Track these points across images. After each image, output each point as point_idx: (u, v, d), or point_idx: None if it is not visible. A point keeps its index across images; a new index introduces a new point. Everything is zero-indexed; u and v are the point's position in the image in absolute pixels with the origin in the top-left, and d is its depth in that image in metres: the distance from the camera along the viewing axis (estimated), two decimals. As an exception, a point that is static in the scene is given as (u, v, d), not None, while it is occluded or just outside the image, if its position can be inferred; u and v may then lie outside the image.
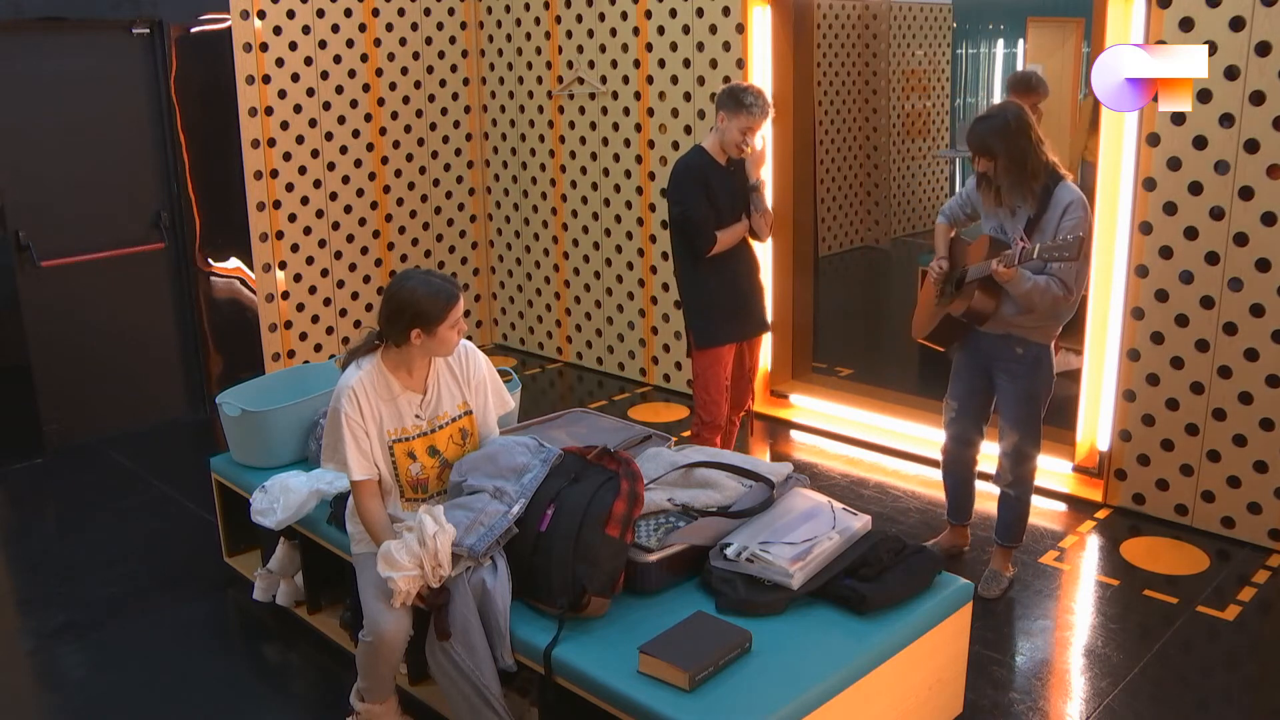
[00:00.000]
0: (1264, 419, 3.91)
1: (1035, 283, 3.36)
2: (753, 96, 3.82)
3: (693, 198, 3.88)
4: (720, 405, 4.09)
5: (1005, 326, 3.50)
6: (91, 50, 5.24)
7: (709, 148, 3.96)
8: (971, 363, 3.68)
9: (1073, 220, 3.32)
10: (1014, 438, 3.63)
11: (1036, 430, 3.62)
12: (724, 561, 2.82)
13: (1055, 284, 3.36)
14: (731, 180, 3.96)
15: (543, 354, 6.70)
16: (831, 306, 6.19)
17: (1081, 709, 3.12)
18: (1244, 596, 3.70)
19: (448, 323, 2.86)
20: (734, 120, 3.83)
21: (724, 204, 3.94)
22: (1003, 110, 3.41)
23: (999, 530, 3.79)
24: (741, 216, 4.01)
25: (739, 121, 3.82)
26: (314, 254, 5.98)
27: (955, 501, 3.96)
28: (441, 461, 3.01)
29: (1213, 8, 3.78)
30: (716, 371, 4.07)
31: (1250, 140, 3.78)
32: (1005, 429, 3.65)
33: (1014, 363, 3.55)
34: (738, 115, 3.82)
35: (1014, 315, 3.46)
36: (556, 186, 6.31)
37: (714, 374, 4.06)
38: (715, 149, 3.95)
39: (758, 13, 5.19)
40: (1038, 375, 3.55)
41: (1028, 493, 3.73)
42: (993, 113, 3.42)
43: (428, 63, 6.31)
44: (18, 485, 4.95)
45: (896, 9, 7.86)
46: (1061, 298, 3.37)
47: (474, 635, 2.70)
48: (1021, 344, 3.52)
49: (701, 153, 3.96)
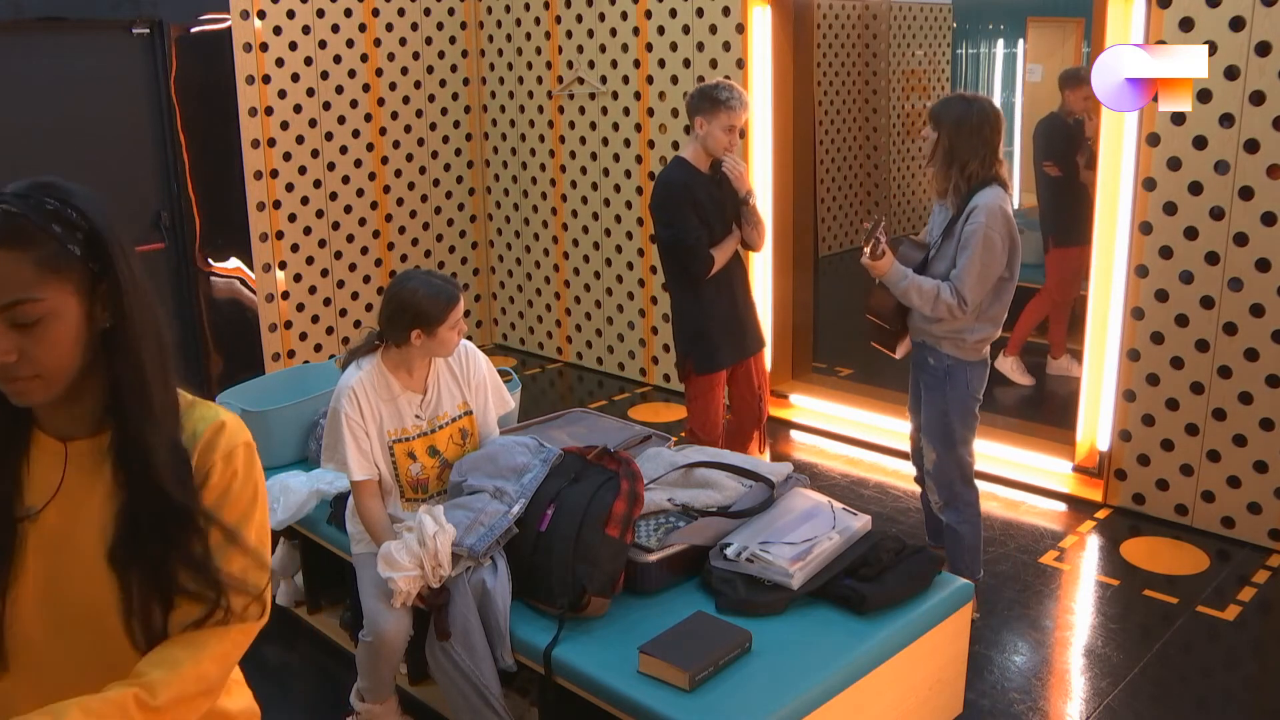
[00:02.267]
0: (1264, 419, 3.91)
1: (913, 282, 3.22)
2: (727, 90, 3.61)
3: (682, 218, 3.64)
4: (719, 426, 3.93)
5: (919, 333, 3.39)
6: (91, 50, 5.24)
7: (690, 158, 3.73)
8: (912, 372, 3.57)
9: (972, 225, 3.16)
10: (931, 455, 3.46)
11: (954, 451, 3.41)
12: (724, 561, 2.82)
13: (947, 290, 3.19)
14: (718, 189, 3.74)
15: (543, 354, 6.70)
16: (831, 306, 6.18)
17: (1081, 709, 3.12)
18: (1244, 596, 3.70)
19: (448, 323, 2.86)
20: (714, 121, 3.61)
21: (714, 218, 3.72)
22: (976, 100, 3.27)
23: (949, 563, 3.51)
24: (732, 227, 3.79)
25: (720, 120, 3.61)
26: (314, 254, 5.98)
27: (928, 521, 3.81)
28: (441, 462, 3.01)
29: (1213, 8, 3.78)
30: (716, 395, 3.88)
31: (1250, 140, 3.78)
32: (925, 445, 3.52)
33: (925, 373, 3.42)
34: (717, 114, 3.61)
35: (921, 321, 3.35)
36: (556, 186, 6.31)
37: (713, 398, 3.87)
38: (697, 157, 3.72)
39: (758, 13, 5.19)
40: (947, 391, 3.36)
41: (966, 521, 3.46)
42: (968, 97, 3.31)
43: (428, 63, 6.31)
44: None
45: (896, 9, 7.86)
46: (952, 305, 3.19)
47: (474, 635, 2.70)
48: (932, 353, 3.37)
49: (683, 165, 3.73)
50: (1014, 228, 3.24)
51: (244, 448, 1.39)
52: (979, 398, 3.43)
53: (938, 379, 3.38)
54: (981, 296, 3.23)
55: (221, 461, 1.36)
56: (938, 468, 3.46)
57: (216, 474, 1.36)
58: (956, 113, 3.23)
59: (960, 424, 3.40)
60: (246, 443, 1.40)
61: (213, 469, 1.36)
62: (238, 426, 1.41)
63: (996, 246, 3.18)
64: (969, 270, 3.18)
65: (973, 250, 3.17)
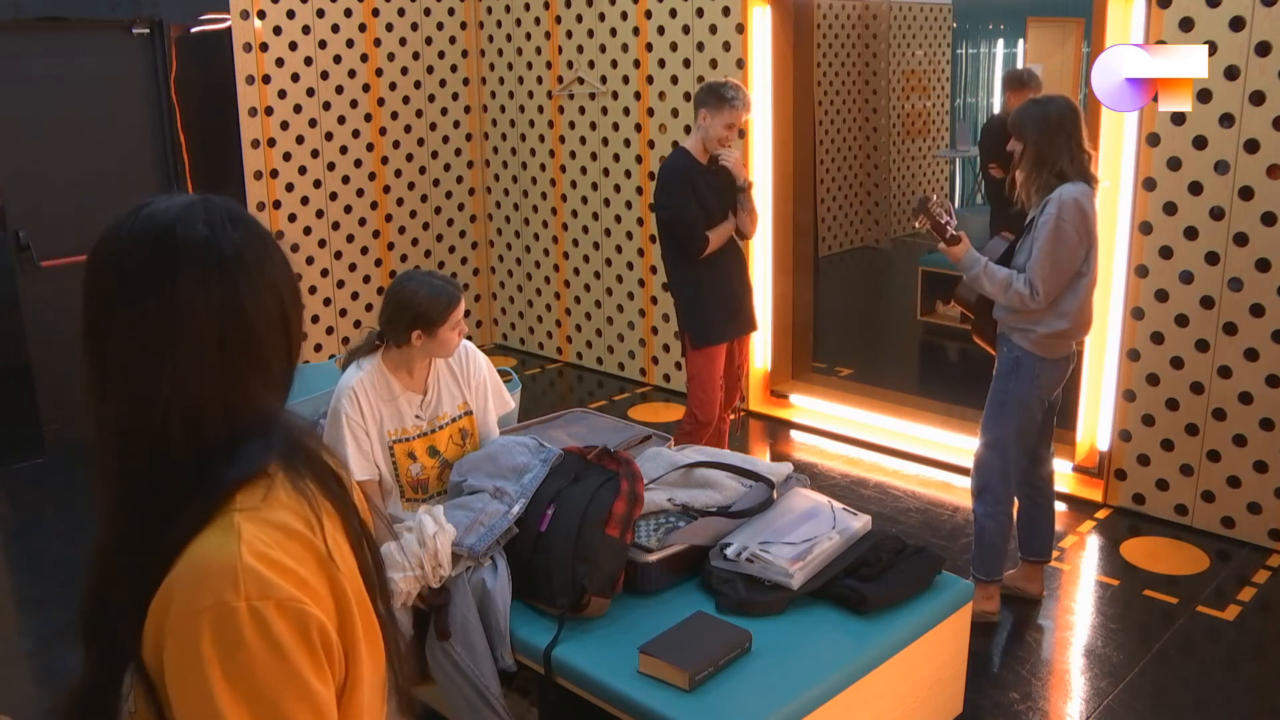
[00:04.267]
0: (1264, 419, 3.91)
1: (985, 268, 3.24)
2: (734, 90, 3.85)
3: (682, 201, 3.91)
4: (715, 403, 4.13)
5: (1000, 323, 3.42)
6: (91, 50, 5.24)
7: (691, 148, 3.99)
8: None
9: (1045, 217, 3.20)
10: (979, 444, 3.46)
11: (1001, 443, 3.38)
12: (724, 561, 2.82)
13: (1020, 280, 3.22)
14: (716, 179, 3.98)
15: (543, 354, 6.70)
16: (831, 306, 6.19)
17: (1081, 709, 3.12)
18: (1244, 596, 3.70)
19: (448, 324, 2.86)
20: (717, 116, 3.86)
21: (712, 204, 3.97)
22: (1051, 101, 3.29)
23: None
24: (728, 215, 4.04)
25: (723, 117, 3.86)
26: (314, 254, 5.98)
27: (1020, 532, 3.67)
28: (441, 462, 3.01)
29: (1213, 8, 3.78)
30: (714, 369, 4.10)
31: (1250, 140, 3.78)
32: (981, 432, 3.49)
33: (999, 361, 3.44)
34: (721, 111, 3.85)
35: (999, 311, 3.38)
36: (556, 186, 6.30)
37: (710, 372, 4.10)
38: (697, 149, 3.97)
39: (758, 13, 5.19)
40: (1009, 382, 3.37)
41: (991, 516, 3.42)
42: (1042, 100, 3.32)
43: (428, 63, 6.31)
44: (18, 485, 4.95)
45: (896, 9, 7.85)
46: (1024, 295, 3.21)
47: (474, 635, 2.70)
48: (1005, 342, 3.39)
49: (685, 154, 3.99)
50: (1091, 223, 3.23)
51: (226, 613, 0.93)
52: (1045, 399, 3.39)
53: (1006, 368, 3.39)
54: (1056, 288, 3.23)
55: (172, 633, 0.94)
56: (978, 454, 3.45)
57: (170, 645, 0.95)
58: (1036, 117, 3.25)
59: (1017, 418, 3.37)
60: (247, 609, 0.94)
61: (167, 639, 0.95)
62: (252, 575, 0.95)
63: (1070, 238, 3.18)
64: (1041, 259, 3.20)
65: (1044, 240, 3.18)
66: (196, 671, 0.92)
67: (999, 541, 3.45)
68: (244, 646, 0.92)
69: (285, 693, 0.94)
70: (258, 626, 0.93)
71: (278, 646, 0.93)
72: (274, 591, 0.94)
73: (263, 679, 0.93)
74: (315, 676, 0.96)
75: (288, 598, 0.95)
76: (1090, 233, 3.25)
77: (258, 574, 0.94)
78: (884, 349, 6.92)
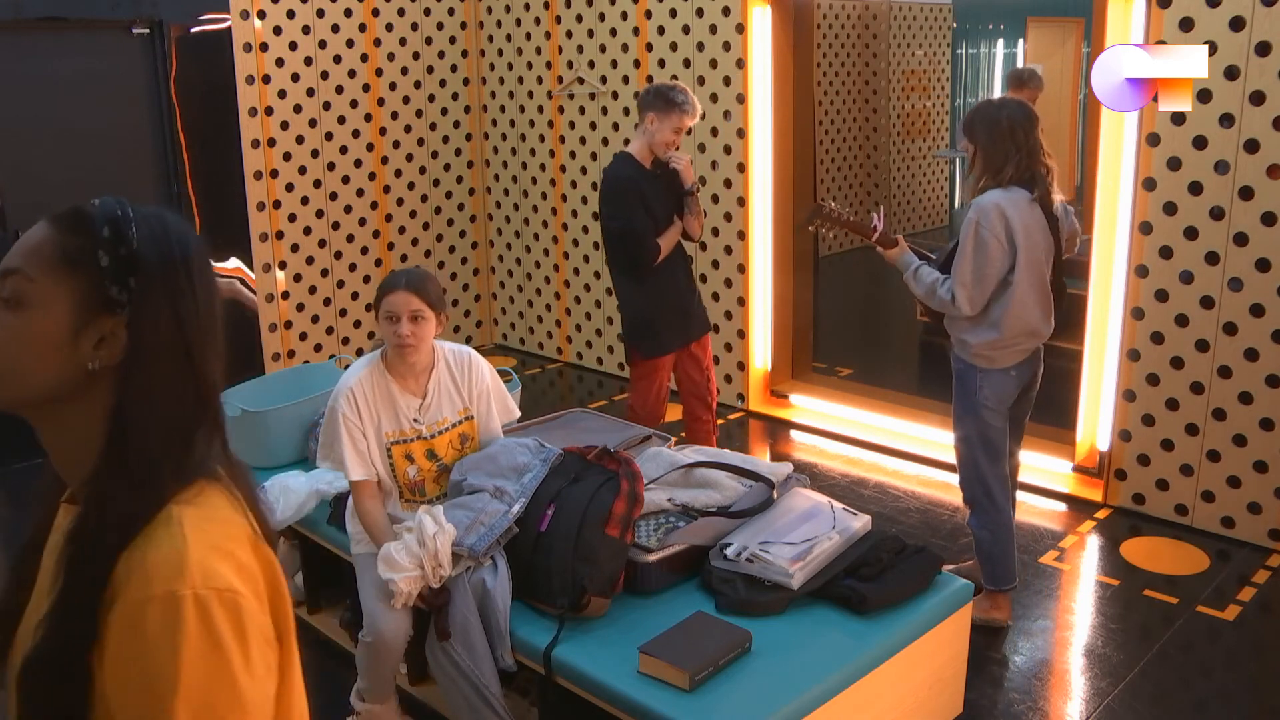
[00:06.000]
0: (1264, 419, 3.91)
1: (915, 271, 3.24)
2: (683, 95, 3.78)
3: (631, 210, 3.80)
4: (661, 409, 4.05)
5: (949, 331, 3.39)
6: (91, 50, 5.24)
7: (635, 153, 3.89)
8: None
9: (965, 223, 3.16)
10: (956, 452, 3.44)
11: (970, 454, 3.35)
12: (724, 561, 2.82)
13: (944, 286, 3.20)
14: (661, 184, 3.89)
15: (543, 354, 6.70)
16: (831, 306, 6.19)
17: (1081, 709, 3.12)
18: (1244, 596, 3.70)
19: (384, 312, 2.85)
20: (665, 120, 3.77)
21: (659, 211, 3.87)
22: (1004, 104, 3.25)
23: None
24: (673, 219, 3.93)
25: (671, 121, 3.77)
26: (314, 254, 5.98)
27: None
28: (439, 466, 3.00)
29: (1213, 8, 3.78)
30: (660, 380, 4.02)
31: (1250, 140, 3.78)
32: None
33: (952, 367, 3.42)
34: (669, 115, 3.77)
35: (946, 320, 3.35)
36: (556, 186, 6.31)
37: (655, 382, 4.01)
38: (642, 153, 3.87)
39: (758, 13, 5.19)
40: (961, 392, 3.34)
41: (985, 527, 3.39)
42: (996, 102, 3.30)
43: (428, 63, 6.31)
44: (18, 485, 4.94)
45: (896, 9, 7.85)
46: (946, 301, 3.19)
47: (474, 635, 2.70)
48: (953, 352, 3.37)
49: (629, 161, 3.88)
50: (1014, 230, 3.15)
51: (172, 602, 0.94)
52: (995, 409, 3.32)
53: (955, 376, 3.38)
54: (980, 296, 3.20)
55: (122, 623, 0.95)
56: (959, 456, 3.43)
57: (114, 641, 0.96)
58: (987, 120, 3.20)
59: (974, 431, 3.34)
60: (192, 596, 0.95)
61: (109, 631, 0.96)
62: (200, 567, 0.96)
63: (988, 245, 3.13)
64: (961, 266, 3.17)
65: (964, 247, 3.17)
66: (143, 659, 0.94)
67: (998, 550, 3.43)
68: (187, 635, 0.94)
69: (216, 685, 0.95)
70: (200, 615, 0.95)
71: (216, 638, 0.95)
72: (215, 581, 0.96)
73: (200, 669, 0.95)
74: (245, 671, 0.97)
75: (226, 588, 0.97)
76: (1014, 240, 3.14)
77: (202, 563, 0.96)
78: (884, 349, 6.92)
